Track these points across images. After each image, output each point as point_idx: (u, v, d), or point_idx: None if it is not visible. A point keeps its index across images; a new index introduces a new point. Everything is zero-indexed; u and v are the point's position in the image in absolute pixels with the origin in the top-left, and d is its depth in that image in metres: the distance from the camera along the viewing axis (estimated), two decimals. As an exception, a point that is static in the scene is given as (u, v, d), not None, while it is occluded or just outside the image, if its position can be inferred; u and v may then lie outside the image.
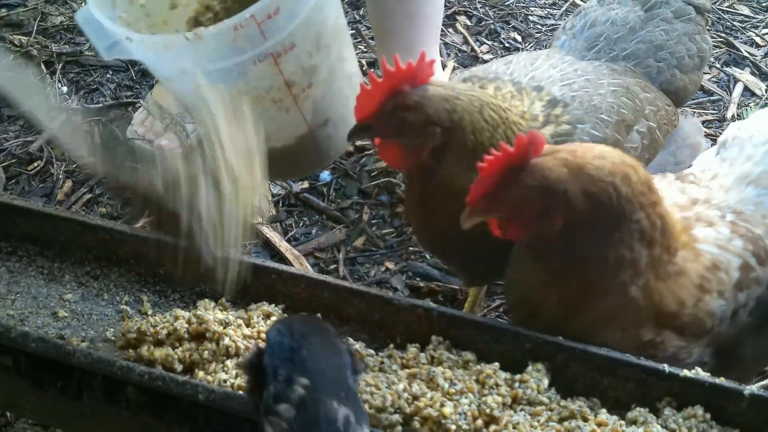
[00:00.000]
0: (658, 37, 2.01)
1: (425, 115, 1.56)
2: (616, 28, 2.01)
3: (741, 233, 1.62)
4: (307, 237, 2.55)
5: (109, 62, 3.22)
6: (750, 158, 1.74)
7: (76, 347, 1.46)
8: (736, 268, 1.58)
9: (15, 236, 1.80)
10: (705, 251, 1.57)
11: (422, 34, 2.67)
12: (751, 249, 1.61)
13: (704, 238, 1.58)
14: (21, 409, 1.70)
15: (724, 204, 1.67)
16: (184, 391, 1.39)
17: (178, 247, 1.42)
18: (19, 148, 2.85)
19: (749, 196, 1.70)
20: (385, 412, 1.40)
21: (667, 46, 2.01)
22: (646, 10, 2.04)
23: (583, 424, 1.40)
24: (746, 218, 1.65)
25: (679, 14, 2.05)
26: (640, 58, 1.99)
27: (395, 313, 1.59)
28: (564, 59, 1.93)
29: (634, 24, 2.01)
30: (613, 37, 2.00)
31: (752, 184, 1.71)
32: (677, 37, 2.02)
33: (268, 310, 1.60)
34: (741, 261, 1.59)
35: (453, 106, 1.58)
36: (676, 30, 2.03)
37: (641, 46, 1.99)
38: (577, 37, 2.04)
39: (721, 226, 1.61)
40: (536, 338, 1.51)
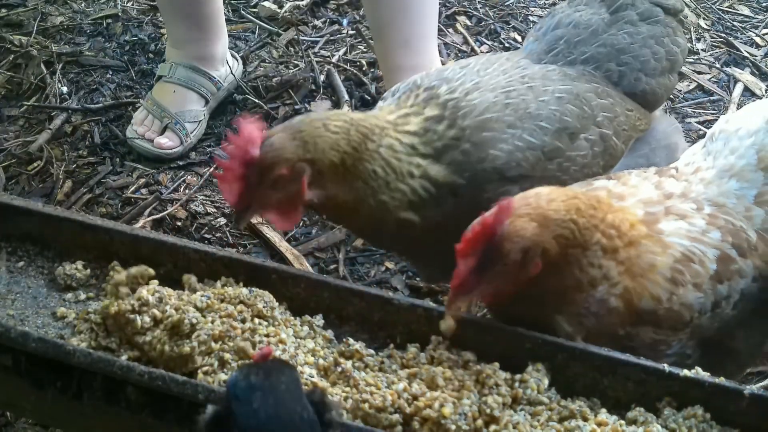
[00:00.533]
0: (620, 41, 1.96)
1: (287, 161, 1.56)
2: (578, 30, 1.97)
3: (719, 225, 1.62)
4: (307, 237, 2.55)
5: (109, 62, 3.22)
6: (734, 151, 1.75)
7: (76, 347, 1.46)
8: (712, 259, 1.58)
9: (15, 236, 1.80)
10: (674, 243, 1.57)
11: (418, 29, 2.68)
12: (731, 240, 1.61)
13: (674, 230, 1.59)
14: (21, 409, 1.70)
15: (703, 197, 1.67)
16: (184, 391, 1.39)
17: None
18: (19, 148, 2.85)
19: (731, 189, 1.70)
20: (385, 412, 1.40)
21: (630, 49, 1.96)
22: (612, 12, 1.99)
23: (583, 424, 1.40)
24: (727, 211, 1.66)
25: (645, 16, 2.00)
26: (600, 62, 1.94)
27: (395, 313, 1.59)
28: (518, 63, 1.89)
29: (597, 27, 1.97)
30: (573, 40, 1.96)
31: (735, 177, 1.72)
32: (642, 41, 1.97)
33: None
34: (718, 252, 1.59)
35: (301, 138, 1.58)
36: (641, 33, 1.98)
37: (602, 49, 1.95)
38: (540, 39, 2.00)
39: (695, 218, 1.62)
40: (536, 338, 1.51)
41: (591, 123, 1.83)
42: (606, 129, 1.85)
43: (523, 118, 1.75)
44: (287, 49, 3.32)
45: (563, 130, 1.78)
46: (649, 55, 1.98)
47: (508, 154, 1.71)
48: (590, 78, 1.90)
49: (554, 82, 1.84)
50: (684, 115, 3.00)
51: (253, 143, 1.56)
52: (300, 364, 1.47)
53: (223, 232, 2.55)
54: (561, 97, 1.81)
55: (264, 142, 1.57)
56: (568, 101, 1.81)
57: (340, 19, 3.47)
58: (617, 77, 1.95)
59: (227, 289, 1.60)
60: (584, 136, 1.81)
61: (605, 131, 1.85)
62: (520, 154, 1.72)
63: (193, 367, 1.48)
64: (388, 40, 2.71)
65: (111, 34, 3.39)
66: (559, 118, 1.78)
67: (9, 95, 3.11)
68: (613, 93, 1.91)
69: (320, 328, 1.60)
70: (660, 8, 2.01)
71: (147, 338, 1.51)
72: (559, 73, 1.88)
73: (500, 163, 1.70)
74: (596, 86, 1.89)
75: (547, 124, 1.76)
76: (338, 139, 1.60)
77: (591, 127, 1.82)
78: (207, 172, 2.74)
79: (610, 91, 1.91)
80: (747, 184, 1.71)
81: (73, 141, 2.90)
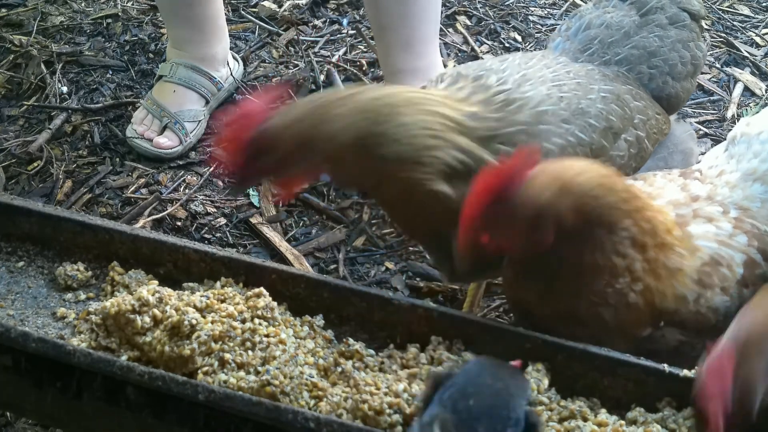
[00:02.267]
0: (651, 44, 1.99)
1: (297, 138, 1.52)
2: (611, 32, 1.99)
3: (745, 229, 1.62)
4: (307, 237, 2.55)
5: (109, 62, 3.22)
6: (757, 155, 1.75)
7: (76, 347, 1.46)
8: (739, 263, 1.58)
9: (15, 236, 1.80)
10: (703, 247, 1.57)
11: (420, 30, 2.67)
12: (756, 245, 1.61)
13: (702, 234, 1.58)
14: (21, 409, 1.70)
15: (729, 200, 1.67)
16: (184, 391, 1.39)
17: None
18: (19, 148, 2.85)
19: (755, 193, 1.70)
20: (384, 412, 1.40)
21: (660, 52, 1.99)
22: (642, 15, 2.02)
23: (583, 424, 1.40)
24: (752, 215, 1.66)
25: (674, 20, 2.02)
26: (633, 63, 1.97)
27: (395, 313, 1.59)
28: (558, 60, 1.92)
29: (629, 29, 1.99)
30: (607, 41, 1.98)
31: (758, 181, 1.72)
32: (671, 44, 2.00)
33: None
34: (745, 257, 1.59)
35: (298, 127, 1.53)
36: (670, 36, 2.00)
37: (634, 51, 1.97)
38: (572, 39, 2.01)
39: (722, 222, 1.61)
40: (536, 338, 1.51)
41: (630, 124, 1.85)
42: (641, 131, 1.88)
43: (576, 113, 1.76)
44: (287, 49, 3.32)
45: (609, 129, 1.80)
46: (677, 59, 2.00)
47: (561, 148, 1.72)
48: (625, 80, 1.93)
49: (597, 81, 1.86)
50: (684, 115, 3.00)
51: (252, 123, 1.52)
52: (300, 364, 1.47)
53: (223, 232, 2.55)
54: (606, 96, 1.83)
55: (265, 124, 1.52)
56: (612, 101, 1.83)
57: (340, 18, 3.47)
58: (647, 79, 1.98)
59: (227, 289, 1.60)
60: (624, 136, 1.84)
61: (640, 133, 1.87)
62: (572, 149, 1.73)
63: (194, 368, 1.48)
64: (389, 43, 2.71)
65: (111, 34, 3.39)
66: (606, 117, 1.80)
67: (9, 95, 3.11)
68: (644, 96, 1.94)
69: (320, 328, 1.60)
70: (687, 13, 2.04)
71: (147, 339, 1.51)
72: (599, 73, 1.90)
73: (552, 158, 1.67)
74: (631, 88, 1.91)
75: (596, 122, 1.78)
76: (345, 118, 1.54)
77: (630, 129, 1.85)
78: (207, 172, 2.74)
79: (642, 94, 1.94)
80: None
81: (73, 141, 2.90)
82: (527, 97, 1.73)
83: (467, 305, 2.19)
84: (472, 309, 2.18)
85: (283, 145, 1.52)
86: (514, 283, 1.64)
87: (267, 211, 2.60)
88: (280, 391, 1.41)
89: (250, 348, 1.49)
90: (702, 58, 2.07)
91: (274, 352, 1.48)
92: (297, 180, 1.63)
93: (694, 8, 2.05)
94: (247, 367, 1.46)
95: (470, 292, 2.21)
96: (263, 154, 1.53)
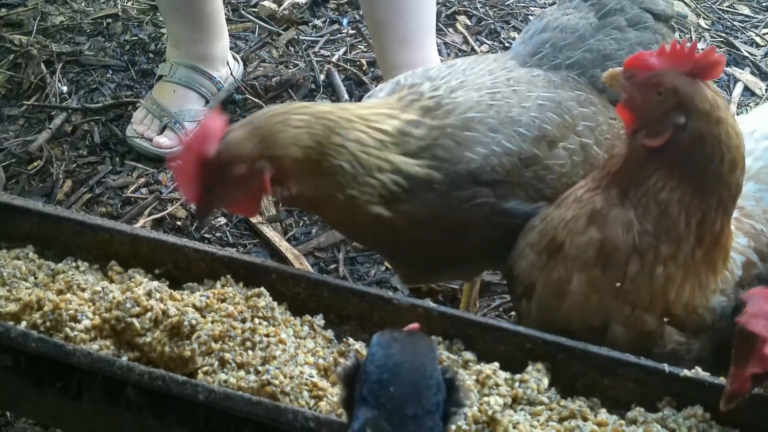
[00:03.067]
0: (607, 47, 1.92)
1: (245, 158, 1.54)
2: (565, 35, 1.93)
3: (745, 230, 1.62)
4: (307, 237, 2.55)
5: (109, 62, 3.22)
6: (750, 153, 1.74)
7: (76, 347, 1.46)
8: (739, 266, 1.58)
9: (15, 236, 1.80)
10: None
11: (415, 27, 2.68)
12: (754, 246, 1.61)
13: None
14: (21, 409, 1.70)
15: None
16: (184, 391, 1.39)
17: None
18: (19, 148, 2.85)
19: (749, 191, 1.70)
20: (385, 412, 1.40)
21: (616, 56, 1.91)
22: (600, 17, 1.95)
23: (583, 424, 1.40)
24: (747, 213, 1.66)
25: (634, 22, 1.94)
26: (586, 67, 1.91)
27: (395, 313, 1.59)
28: (505, 65, 1.88)
29: (584, 32, 1.92)
30: (559, 45, 1.92)
31: (752, 180, 1.72)
32: (629, 47, 1.92)
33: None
34: (744, 259, 1.59)
35: (260, 135, 1.56)
36: (628, 39, 1.92)
37: (588, 55, 1.91)
38: (526, 42, 1.97)
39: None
40: (536, 338, 1.51)
41: (571, 132, 1.80)
42: (586, 138, 1.82)
43: (505, 122, 1.73)
44: (287, 49, 3.32)
45: (542, 138, 1.75)
46: None
47: (484, 158, 1.69)
48: (574, 85, 1.88)
49: (538, 89, 1.82)
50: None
51: (211, 140, 1.54)
52: (300, 364, 1.47)
53: (223, 232, 2.55)
54: (543, 104, 1.78)
55: (222, 140, 1.55)
56: (549, 109, 1.78)
57: (340, 18, 3.47)
58: (603, 84, 1.90)
59: (227, 289, 1.60)
60: (563, 144, 1.78)
61: (585, 140, 1.82)
62: (496, 159, 1.70)
63: (194, 368, 1.48)
64: (385, 38, 2.71)
65: (111, 33, 3.39)
66: (539, 125, 1.75)
67: (9, 95, 3.11)
68: (596, 101, 1.88)
69: (320, 327, 1.60)
70: (650, 14, 1.96)
71: (147, 339, 1.51)
72: (544, 79, 1.85)
73: (474, 167, 1.68)
74: (579, 94, 1.86)
75: (526, 131, 1.74)
76: (300, 133, 1.57)
77: (571, 136, 1.80)
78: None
79: (593, 99, 1.88)
80: (765, 185, 1.71)
81: (73, 141, 2.90)
82: (456, 103, 1.72)
83: (463, 305, 2.19)
84: (468, 309, 2.18)
85: (244, 156, 1.54)
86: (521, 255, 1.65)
87: (267, 211, 2.60)
88: (280, 391, 1.41)
89: (250, 348, 1.49)
90: None
91: (274, 351, 1.47)
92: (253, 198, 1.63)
93: (658, 8, 1.97)
94: (247, 366, 1.46)
95: (465, 292, 2.21)
96: (224, 170, 1.54)
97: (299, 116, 1.58)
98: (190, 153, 1.54)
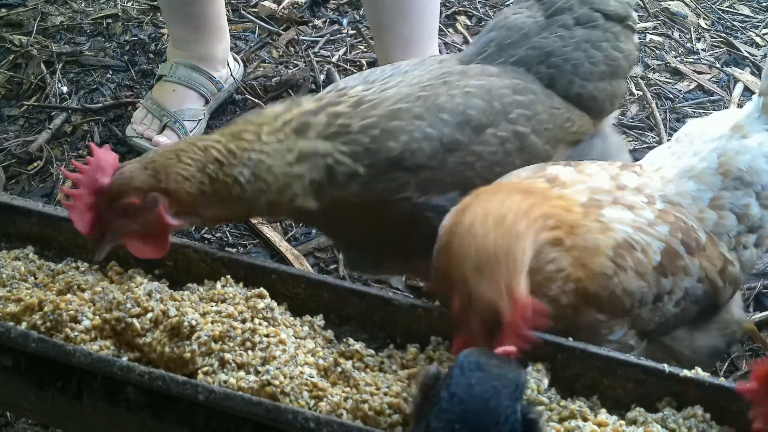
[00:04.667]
0: (551, 44, 1.92)
1: (136, 189, 1.57)
2: (510, 33, 1.93)
3: (669, 221, 1.65)
4: (307, 237, 2.55)
5: (109, 62, 3.23)
6: (697, 154, 1.78)
7: (76, 347, 1.46)
8: (656, 251, 1.61)
9: (15, 236, 1.80)
10: (616, 228, 1.59)
11: (418, 28, 2.68)
12: (680, 237, 1.64)
13: (617, 218, 1.60)
14: (21, 409, 1.70)
15: (658, 193, 1.70)
16: (184, 391, 1.39)
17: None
18: (19, 148, 2.85)
19: (688, 190, 1.74)
20: (384, 413, 1.40)
21: (560, 52, 1.91)
22: (548, 16, 1.95)
23: (583, 424, 1.40)
24: (680, 210, 1.69)
25: (582, 21, 1.94)
26: (530, 64, 1.90)
27: (395, 313, 1.59)
28: (446, 65, 1.88)
29: (529, 30, 1.93)
30: (504, 43, 1.92)
31: (694, 179, 1.75)
32: (575, 44, 1.92)
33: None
34: (664, 246, 1.62)
35: (153, 168, 1.58)
36: (574, 36, 1.93)
37: (531, 52, 1.91)
38: (475, 42, 1.98)
39: (644, 210, 1.64)
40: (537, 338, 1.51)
41: (501, 119, 1.80)
42: (522, 126, 1.82)
43: (431, 109, 1.74)
44: (287, 49, 3.32)
45: (465, 123, 1.76)
46: (582, 58, 1.93)
47: (404, 144, 1.70)
48: (514, 75, 1.87)
49: (469, 78, 1.82)
50: (684, 115, 3.01)
51: (103, 171, 1.58)
52: (300, 364, 1.47)
53: (222, 232, 2.55)
54: (469, 91, 1.79)
55: (115, 172, 1.58)
56: (475, 95, 1.78)
57: (340, 18, 3.47)
58: (548, 79, 1.91)
59: (227, 289, 1.60)
60: (492, 131, 1.78)
61: (520, 128, 1.81)
62: (416, 144, 1.71)
63: (194, 368, 1.47)
64: (388, 41, 2.71)
65: (111, 34, 3.40)
66: (462, 111, 1.76)
67: (9, 95, 3.11)
68: (537, 89, 1.88)
69: (320, 328, 1.60)
70: (600, 14, 1.95)
71: (147, 339, 1.51)
72: (478, 70, 1.86)
73: (395, 154, 1.69)
74: (517, 82, 1.85)
75: (449, 116, 1.75)
76: (192, 171, 1.59)
77: (501, 123, 1.79)
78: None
79: (534, 88, 1.87)
80: (704, 186, 1.74)
81: (73, 141, 2.90)
82: (386, 97, 1.74)
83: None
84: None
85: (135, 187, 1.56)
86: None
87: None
88: (280, 391, 1.41)
89: (250, 348, 1.49)
90: (623, 58, 1.97)
91: (274, 352, 1.47)
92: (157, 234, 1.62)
93: (609, 9, 1.96)
94: (247, 367, 1.46)
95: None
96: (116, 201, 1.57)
97: (190, 154, 1.60)
98: (83, 185, 1.57)
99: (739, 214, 1.74)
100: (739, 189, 1.75)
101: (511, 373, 1.17)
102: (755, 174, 1.76)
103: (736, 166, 1.75)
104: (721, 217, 1.73)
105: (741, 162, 1.75)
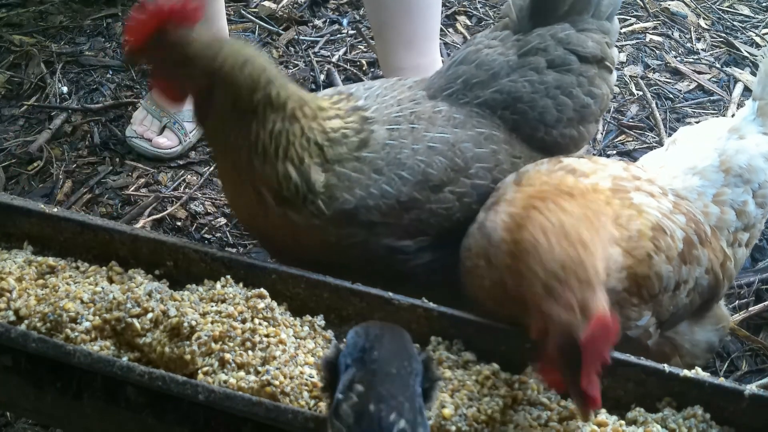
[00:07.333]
0: (519, 89, 1.83)
1: (184, 54, 1.63)
2: (479, 71, 1.85)
3: (683, 212, 1.67)
4: (307, 237, 2.55)
5: (109, 62, 3.22)
6: (698, 153, 1.85)
7: (76, 347, 1.46)
8: (680, 238, 1.63)
9: (15, 236, 1.80)
10: (649, 212, 1.60)
11: (420, 28, 2.67)
12: (694, 228, 1.67)
13: (646, 203, 1.62)
14: (21, 409, 1.70)
15: (668, 187, 1.74)
16: (184, 391, 1.39)
17: None
18: (19, 148, 2.85)
19: (694, 185, 1.79)
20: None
21: (528, 99, 1.83)
22: (520, 56, 1.86)
23: (583, 424, 1.40)
24: (688, 203, 1.73)
25: (556, 64, 1.85)
26: (495, 108, 1.83)
27: (395, 313, 1.59)
28: (414, 97, 1.83)
29: (499, 70, 1.84)
30: (471, 82, 1.84)
31: (698, 175, 1.81)
32: (545, 90, 1.84)
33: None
34: (684, 234, 1.64)
35: (215, 51, 1.63)
36: (545, 82, 1.84)
37: (497, 96, 1.83)
38: (443, 73, 1.90)
39: (663, 200, 1.66)
40: (536, 338, 1.51)
41: (461, 176, 1.76)
42: (481, 180, 1.77)
43: (391, 164, 1.71)
44: (287, 49, 3.32)
45: (425, 183, 1.73)
46: (550, 105, 1.85)
47: (359, 200, 1.69)
48: (477, 122, 1.81)
49: (435, 127, 1.77)
50: (684, 115, 3.01)
51: (187, 20, 1.64)
52: (300, 364, 1.47)
53: (223, 232, 2.55)
54: (434, 146, 1.75)
55: (187, 29, 1.64)
56: (439, 152, 1.74)
57: (340, 18, 3.47)
58: (512, 124, 1.85)
59: (227, 290, 1.60)
60: (450, 188, 1.75)
61: (479, 182, 1.77)
62: (372, 201, 1.69)
63: (194, 368, 1.48)
64: (389, 41, 2.71)
65: (111, 34, 3.39)
66: (423, 170, 1.73)
67: (9, 95, 3.11)
68: (500, 138, 1.82)
69: (320, 328, 1.60)
70: (575, 56, 1.86)
71: (147, 340, 1.51)
72: (445, 116, 1.80)
73: (349, 208, 1.69)
74: (480, 132, 1.80)
75: (409, 175, 1.72)
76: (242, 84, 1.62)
77: (460, 180, 1.76)
78: (207, 172, 2.74)
79: (497, 137, 1.82)
80: (708, 182, 1.80)
81: (73, 141, 2.90)
82: (373, 138, 1.73)
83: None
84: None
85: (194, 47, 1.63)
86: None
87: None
88: (280, 391, 1.41)
89: (250, 348, 1.49)
90: (594, 104, 1.89)
91: (274, 352, 1.48)
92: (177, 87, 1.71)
93: (586, 51, 1.87)
94: (247, 367, 1.46)
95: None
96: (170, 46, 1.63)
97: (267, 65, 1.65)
98: (160, 14, 1.63)
99: (737, 210, 1.80)
100: (739, 186, 1.81)
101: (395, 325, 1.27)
102: (753, 172, 1.82)
103: (736, 164, 1.81)
104: (723, 212, 1.78)
105: (741, 160, 1.82)
